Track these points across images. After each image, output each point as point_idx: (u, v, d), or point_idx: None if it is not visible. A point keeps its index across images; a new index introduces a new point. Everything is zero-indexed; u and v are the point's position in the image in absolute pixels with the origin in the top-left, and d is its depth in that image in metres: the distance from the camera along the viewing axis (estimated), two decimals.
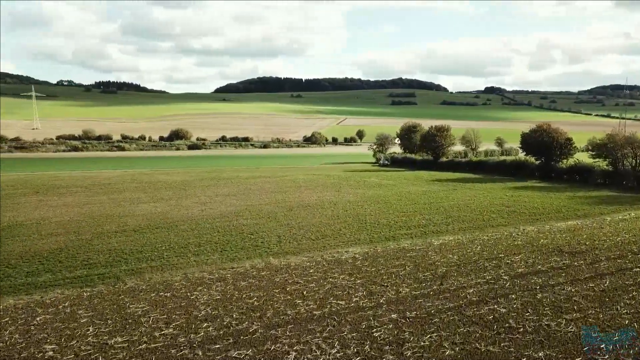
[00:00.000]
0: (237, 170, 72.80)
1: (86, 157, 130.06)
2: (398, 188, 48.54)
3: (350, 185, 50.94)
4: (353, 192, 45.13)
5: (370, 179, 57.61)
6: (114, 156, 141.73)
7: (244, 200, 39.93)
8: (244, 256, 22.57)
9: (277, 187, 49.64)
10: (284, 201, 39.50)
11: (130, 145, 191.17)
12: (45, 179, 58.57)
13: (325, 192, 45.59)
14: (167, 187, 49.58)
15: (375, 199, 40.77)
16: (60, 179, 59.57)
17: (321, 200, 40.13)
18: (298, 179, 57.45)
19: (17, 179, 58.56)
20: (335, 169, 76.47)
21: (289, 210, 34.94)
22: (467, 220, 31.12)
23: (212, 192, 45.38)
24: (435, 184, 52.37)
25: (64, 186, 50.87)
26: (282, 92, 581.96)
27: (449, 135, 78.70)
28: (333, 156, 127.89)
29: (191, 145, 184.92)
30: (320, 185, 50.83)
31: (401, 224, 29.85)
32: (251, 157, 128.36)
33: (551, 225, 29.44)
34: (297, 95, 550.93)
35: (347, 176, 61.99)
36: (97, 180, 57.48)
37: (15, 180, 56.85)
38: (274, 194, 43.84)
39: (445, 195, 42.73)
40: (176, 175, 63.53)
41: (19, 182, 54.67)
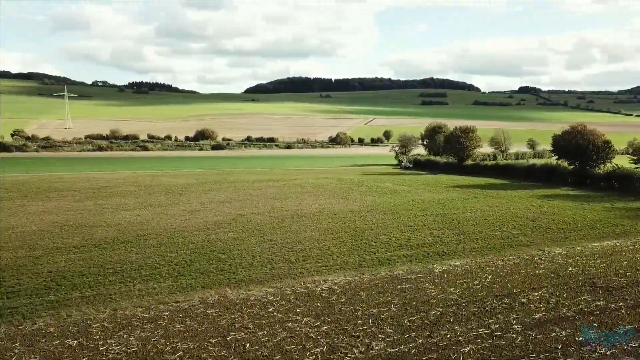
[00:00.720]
0: (248, 173, 69.33)
1: (107, 157, 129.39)
2: (412, 195, 43.98)
3: (360, 191, 46.65)
4: (360, 200, 40.83)
5: (384, 184, 53.15)
6: (136, 156, 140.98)
7: (237, 208, 36.18)
8: (199, 284, 18.70)
9: (281, 192, 45.76)
10: (280, 210, 35.57)
11: (155, 145, 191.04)
12: (45, 181, 56.23)
13: (330, 199, 41.44)
14: (164, 192, 46.30)
15: (383, 208, 36.40)
16: (61, 180, 57.17)
17: (322, 209, 36.01)
18: (306, 184, 53.46)
19: (17, 181, 56.41)
20: (352, 172, 72.19)
21: (281, 222, 30.97)
22: (483, 237, 26.51)
23: (208, 198, 41.83)
24: (454, 191, 47.57)
25: (59, 189, 48.20)
26: (311, 93, 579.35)
27: (475, 137, 73.31)
28: (355, 158, 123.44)
29: (215, 146, 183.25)
30: (328, 191, 46.70)
31: (403, 241, 25.49)
32: (271, 157, 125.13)
33: (583, 246, 24.57)
34: (326, 95, 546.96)
35: (360, 180, 57.66)
36: (96, 182, 54.77)
37: (14, 182, 54.66)
38: (273, 201, 39.97)
39: (463, 205, 38.01)
40: (182, 178, 60.43)
41: (16, 184, 52.40)
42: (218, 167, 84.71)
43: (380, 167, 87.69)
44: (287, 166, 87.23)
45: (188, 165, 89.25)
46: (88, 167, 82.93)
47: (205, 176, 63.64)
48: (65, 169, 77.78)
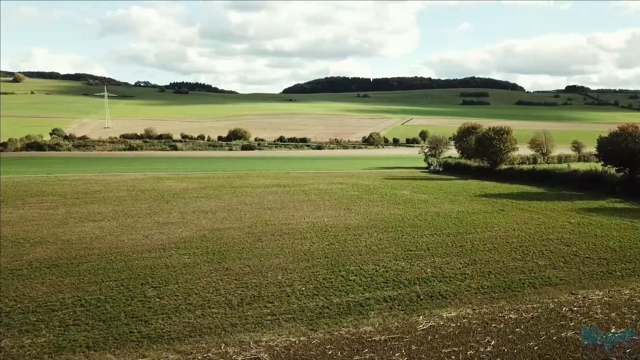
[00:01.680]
0: (260, 176, 64.59)
1: (134, 156, 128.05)
2: (428, 206, 38.04)
3: (371, 200, 41.01)
4: (364, 212, 35.25)
5: (401, 192, 47.25)
6: (162, 155, 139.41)
7: (216, 221, 31.33)
8: (84, 343, 13.73)
9: (279, 200, 40.67)
10: (264, 224, 30.47)
11: (186, 144, 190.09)
12: (38, 183, 53.04)
13: (331, 209, 36.04)
14: (152, 198, 41.99)
15: (386, 224, 30.75)
16: (55, 183, 53.86)
17: (314, 223, 30.69)
18: (314, 190, 48.16)
19: (14, 183, 53.44)
20: (374, 176, 66.37)
21: (256, 241, 25.86)
22: (498, 270, 20.60)
23: (195, 207, 37.20)
24: (480, 201, 41.26)
25: (43, 193, 44.67)
26: (348, 92, 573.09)
27: (510, 139, 66.05)
28: (385, 159, 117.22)
29: (245, 146, 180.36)
30: (333, 200, 41.28)
31: (393, 274, 19.90)
32: (297, 159, 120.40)
33: (632, 289, 18.35)
34: (364, 95, 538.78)
35: (376, 186, 51.91)
36: (90, 186, 51.13)
37: (10, 184, 51.65)
38: (263, 212, 34.95)
39: (484, 221, 31.90)
40: (186, 182, 56.20)
41: (10, 187, 49.29)
42: (235, 168, 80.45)
43: (408, 170, 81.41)
44: (307, 168, 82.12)
45: (207, 166, 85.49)
46: (103, 168, 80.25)
47: (212, 179, 59.26)
48: (76, 170, 75.12)
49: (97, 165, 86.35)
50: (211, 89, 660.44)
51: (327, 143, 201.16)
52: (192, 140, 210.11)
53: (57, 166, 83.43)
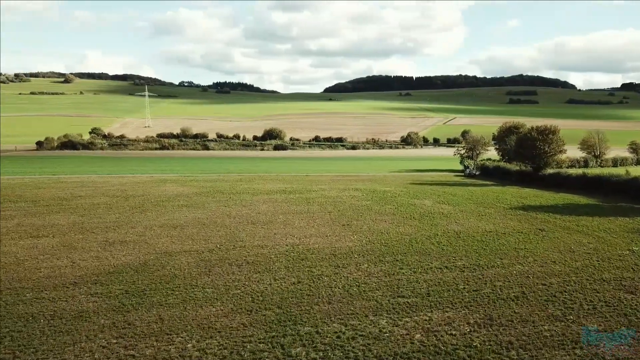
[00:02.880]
0: (270, 180, 58.63)
1: (162, 156, 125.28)
2: (449, 222, 31.01)
3: (380, 213, 34.29)
4: (368, 229, 28.66)
5: (422, 201, 40.19)
6: (191, 155, 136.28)
7: (179, 241, 25.55)
8: None
9: (272, 212, 34.58)
10: (233, 245, 24.43)
11: (219, 144, 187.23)
12: (31, 185, 48.93)
13: (327, 226, 29.62)
14: (131, 207, 36.75)
15: (388, 248, 24.18)
16: (51, 185, 49.57)
17: (294, 247, 24.38)
18: (319, 198, 41.77)
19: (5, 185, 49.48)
20: (399, 180, 59.25)
21: (203, 273, 19.81)
22: (524, 339, 13.65)
23: (169, 219, 31.71)
24: (515, 216, 33.81)
25: (24, 198, 40.36)
26: (391, 91, 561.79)
27: (556, 140, 57.42)
28: (420, 160, 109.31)
29: (277, 146, 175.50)
30: (337, 212, 34.80)
31: (359, 346, 13.28)
32: (325, 159, 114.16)
33: None
34: (406, 93, 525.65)
35: (396, 194, 44.97)
36: (78, 190, 46.47)
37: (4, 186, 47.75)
38: (244, 227, 28.98)
39: (517, 246, 24.72)
40: (185, 186, 50.95)
41: None
42: (253, 170, 74.96)
43: (441, 173, 73.68)
44: (330, 170, 75.68)
45: (226, 167, 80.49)
46: (117, 169, 76.38)
47: (218, 183, 53.73)
48: (87, 170, 71.34)
49: (113, 166, 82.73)
50: (253, 88, 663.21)
51: (363, 143, 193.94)
52: (227, 139, 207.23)
53: (71, 166, 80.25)
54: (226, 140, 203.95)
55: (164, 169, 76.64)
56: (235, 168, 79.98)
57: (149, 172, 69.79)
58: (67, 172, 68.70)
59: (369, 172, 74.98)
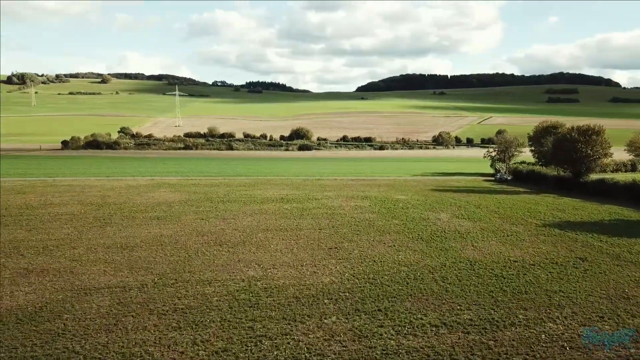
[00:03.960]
0: (273, 185, 53.27)
1: (181, 156, 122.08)
2: (464, 246, 24.86)
3: (383, 232, 28.39)
4: (358, 256, 22.86)
5: (438, 215, 34.00)
6: (213, 155, 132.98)
7: (117, 269, 20.39)
8: None
9: (253, 227, 29.15)
10: (176, 279, 19.16)
11: (244, 144, 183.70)
12: (16, 190, 44.91)
13: (308, 251, 23.95)
14: (95, 218, 31.96)
15: (374, 287, 18.45)
16: (33, 190, 45.53)
17: (253, 281, 18.95)
18: (316, 209, 36.10)
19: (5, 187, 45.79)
20: (419, 186, 52.95)
21: (102, 331, 14.38)
22: None
23: (125, 236, 26.68)
24: (549, 237, 27.34)
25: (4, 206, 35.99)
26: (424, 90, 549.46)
27: (601, 141, 49.91)
28: (449, 162, 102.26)
29: (302, 146, 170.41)
30: (329, 228, 29.06)
31: None
32: (346, 160, 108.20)
33: None
34: (440, 92, 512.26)
35: (409, 204, 38.84)
36: (57, 196, 42.16)
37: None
38: (207, 250, 23.69)
39: (548, 287, 18.54)
40: (178, 192, 46.06)
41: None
42: (264, 172, 69.85)
43: (469, 178, 66.83)
44: (348, 173, 69.75)
45: (239, 169, 75.64)
46: (123, 170, 72.53)
47: (215, 188, 48.74)
48: (90, 172, 67.56)
49: (122, 167, 78.96)
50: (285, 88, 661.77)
51: (392, 143, 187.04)
52: (254, 139, 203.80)
53: (79, 167, 76.90)
54: (252, 140, 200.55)
55: (172, 170, 72.37)
56: (248, 170, 75.12)
57: (155, 174, 65.67)
58: (68, 173, 65.20)
59: (390, 175, 68.94)
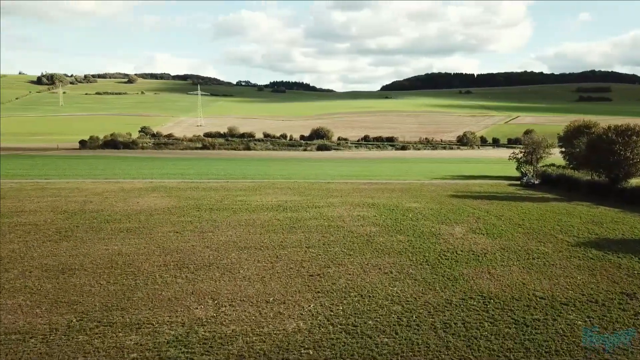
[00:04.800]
0: (276, 190, 49.08)
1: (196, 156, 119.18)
2: (478, 274, 20.13)
3: (382, 252, 23.84)
4: (344, 288, 18.47)
5: (451, 229, 29.19)
6: (230, 155, 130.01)
7: (35, 304, 16.36)
8: None
9: (231, 243, 24.93)
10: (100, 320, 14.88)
11: (263, 144, 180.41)
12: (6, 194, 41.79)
13: (285, 278, 19.60)
14: (52, 233, 28.20)
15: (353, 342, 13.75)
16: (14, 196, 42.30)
17: (191, 331, 14.59)
18: (313, 220, 31.67)
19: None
20: (436, 191, 48.04)
21: None
22: None
23: (77, 254, 22.63)
24: (585, 262, 22.35)
25: None
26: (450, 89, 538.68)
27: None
28: (472, 163, 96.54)
29: (320, 146, 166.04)
30: (320, 246, 24.61)
31: None
32: (366, 161, 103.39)
33: None
34: (466, 91, 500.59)
35: (420, 214, 34.08)
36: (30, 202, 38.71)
37: None
38: (164, 274, 19.69)
39: (590, 336, 13.52)
40: (169, 198, 42.21)
41: None
42: (272, 174, 65.78)
43: (493, 181, 61.41)
44: (362, 175, 65.07)
45: (248, 170, 71.71)
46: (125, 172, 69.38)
47: (210, 192, 44.84)
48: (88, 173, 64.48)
49: (130, 168, 75.84)
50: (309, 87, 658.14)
51: (414, 143, 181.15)
52: (273, 139, 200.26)
53: (85, 168, 74.06)
54: (272, 139, 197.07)
55: (177, 172, 68.86)
56: (257, 172, 71.17)
57: (158, 175, 62.33)
58: (68, 175, 62.44)
59: (407, 178, 64.13)
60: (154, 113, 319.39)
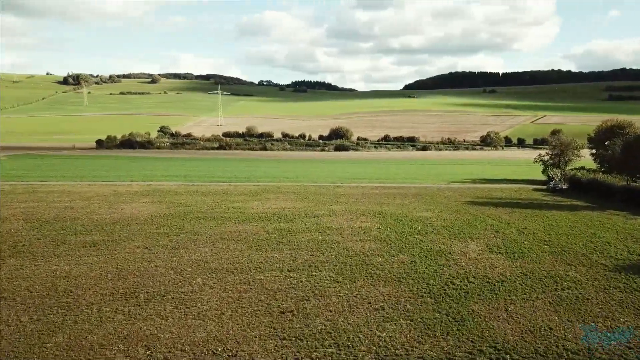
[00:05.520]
0: (282, 194, 45.48)
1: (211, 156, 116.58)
2: (492, 313, 16.09)
3: (378, 277, 20.04)
4: (315, 334, 14.48)
5: (467, 246, 25.07)
6: (245, 156, 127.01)
7: None
8: None
9: (200, 265, 21.35)
10: None
11: (280, 144, 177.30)
12: None
13: (247, 317, 15.94)
14: (7, 248, 24.83)
15: None
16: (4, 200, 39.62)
17: None
18: (300, 236, 27.80)
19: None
20: (453, 197, 43.75)
21: None
22: None
23: (15, 276, 19.11)
24: (627, 294, 18.10)
25: None
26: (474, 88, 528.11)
27: None
28: (495, 165, 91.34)
29: (338, 146, 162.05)
30: (304, 269, 20.84)
31: None
32: (383, 162, 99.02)
33: None
34: (491, 90, 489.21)
35: (431, 227, 29.99)
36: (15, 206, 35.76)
37: None
38: (99, 307, 15.95)
39: None
40: (151, 205, 38.93)
41: None
42: (282, 176, 62.26)
43: (517, 186, 56.67)
44: (374, 177, 60.89)
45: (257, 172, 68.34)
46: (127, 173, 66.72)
47: (206, 197, 41.44)
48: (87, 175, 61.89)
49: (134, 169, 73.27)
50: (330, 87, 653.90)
51: (436, 143, 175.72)
52: (292, 139, 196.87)
53: (89, 169, 71.71)
54: (290, 139, 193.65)
55: (181, 174, 65.80)
56: (266, 173, 67.73)
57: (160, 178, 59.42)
58: (68, 176, 60.18)
59: (424, 181, 59.94)
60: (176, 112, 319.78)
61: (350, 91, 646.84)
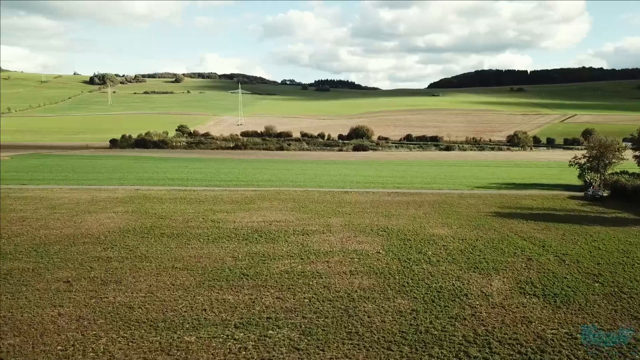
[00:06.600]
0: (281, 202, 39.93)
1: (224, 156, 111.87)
2: None
3: (357, 343, 14.05)
4: None
5: (490, 282, 18.94)
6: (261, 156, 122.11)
7: None
8: None
9: (114, 318, 15.82)
10: None
11: (298, 144, 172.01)
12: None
13: None
14: None
15: None
16: None
17: None
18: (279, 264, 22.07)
19: None
20: (476, 207, 37.46)
21: None
22: None
23: None
24: None
25: None
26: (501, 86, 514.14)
27: None
28: (523, 167, 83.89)
29: (356, 146, 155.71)
30: (260, 327, 15.16)
31: None
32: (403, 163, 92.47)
33: None
34: (519, 88, 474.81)
35: (445, 251, 23.91)
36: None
37: None
38: None
39: None
40: (120, 216, 33.60)
41: None
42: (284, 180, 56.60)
43: (549, 193, 49.83)
44: (388, 182, 54.67)
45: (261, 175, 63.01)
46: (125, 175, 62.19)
47: (186, 207, 36.21)
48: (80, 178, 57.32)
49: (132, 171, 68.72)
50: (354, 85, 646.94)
51: (460, 143, 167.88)
52: (311, 138, 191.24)
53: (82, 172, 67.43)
54: (308, 139, 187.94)
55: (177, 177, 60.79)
56: (272, 176, 62.36)
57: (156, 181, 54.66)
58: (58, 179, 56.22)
59: (444, 185, 53.83)
60: (197, 112, 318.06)
61: (373, 90, 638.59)
